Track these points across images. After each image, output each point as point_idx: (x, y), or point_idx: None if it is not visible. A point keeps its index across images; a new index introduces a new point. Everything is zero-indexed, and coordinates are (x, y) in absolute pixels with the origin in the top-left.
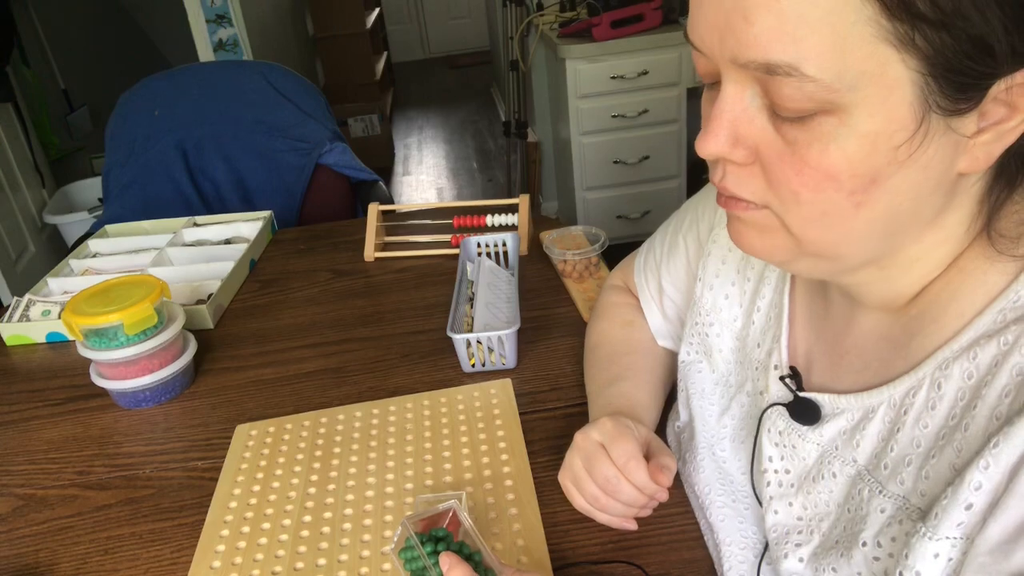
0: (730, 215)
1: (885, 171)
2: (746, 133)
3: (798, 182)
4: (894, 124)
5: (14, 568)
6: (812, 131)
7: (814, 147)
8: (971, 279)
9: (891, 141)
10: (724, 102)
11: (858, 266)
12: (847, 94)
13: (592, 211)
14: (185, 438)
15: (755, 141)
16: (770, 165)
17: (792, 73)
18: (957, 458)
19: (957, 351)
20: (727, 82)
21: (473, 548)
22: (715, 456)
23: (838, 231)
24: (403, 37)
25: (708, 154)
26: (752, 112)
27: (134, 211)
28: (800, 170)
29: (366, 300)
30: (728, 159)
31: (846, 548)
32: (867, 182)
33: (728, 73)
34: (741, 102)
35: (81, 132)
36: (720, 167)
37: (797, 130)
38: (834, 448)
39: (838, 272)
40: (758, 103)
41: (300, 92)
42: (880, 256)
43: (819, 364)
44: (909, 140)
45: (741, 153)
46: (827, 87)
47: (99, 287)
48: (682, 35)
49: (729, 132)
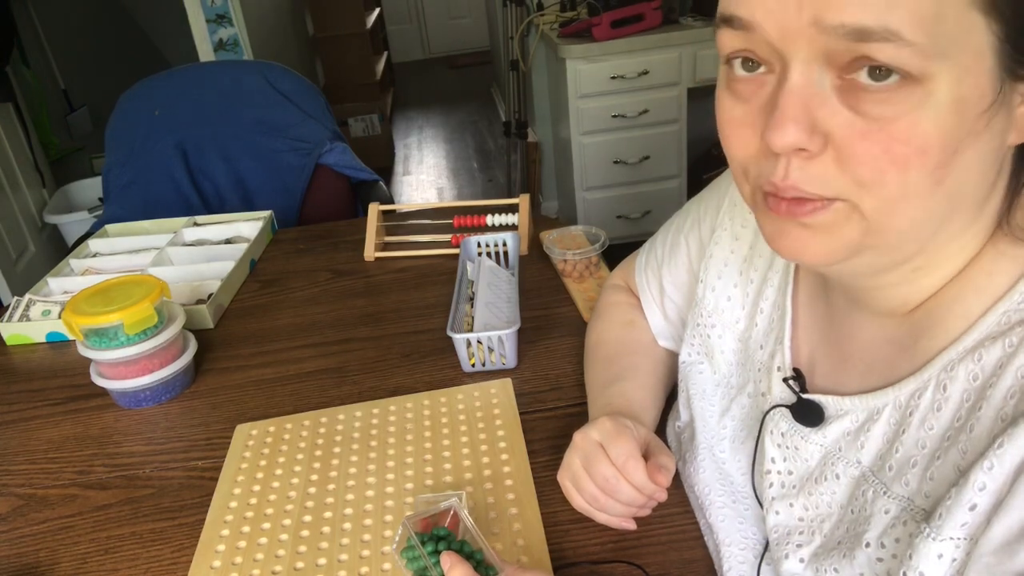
0: (788, 224)
1: (966, 141)
2: (820, 117)
3: (887, 160)
4: (979, 91)
5: (14, 568)
6: (899, 104)
7: (903, 121)
8: (975, 280)
9: (976, 108)
10: (794, 83)
11: (906, 259)
12: (937, 61)
13: (592, 211)
14: (185, 438)
15: (828, 125)
16: (849, 147)
17: (889, 38)
18: (962, 459)
19: (962, 353)
20: (796, 61)
21: (474, 547)
22: (715, 457)
23: (916, 212)
24: (403, 37)
25: (784, 145)
26: (824, 93)
27: (134, 211)
28: (888, 147)
29: (366, 300)
30: (804, 149)
31: (848, 549)
32: (951, 154)
33: (799, 50)
34: (811, 83)
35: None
36: (781, 164)
37: (882, 105)
38: (838, 449)
39: (884, 267)
40: (828, 83)
41: (300, 92)
42: (927, 249)
43: (822, 366)
44: (989, 107)
45: (818, 141)
46: (922, 52)
47: (99, 287)
48: (682, 35)
49: (804, 117)
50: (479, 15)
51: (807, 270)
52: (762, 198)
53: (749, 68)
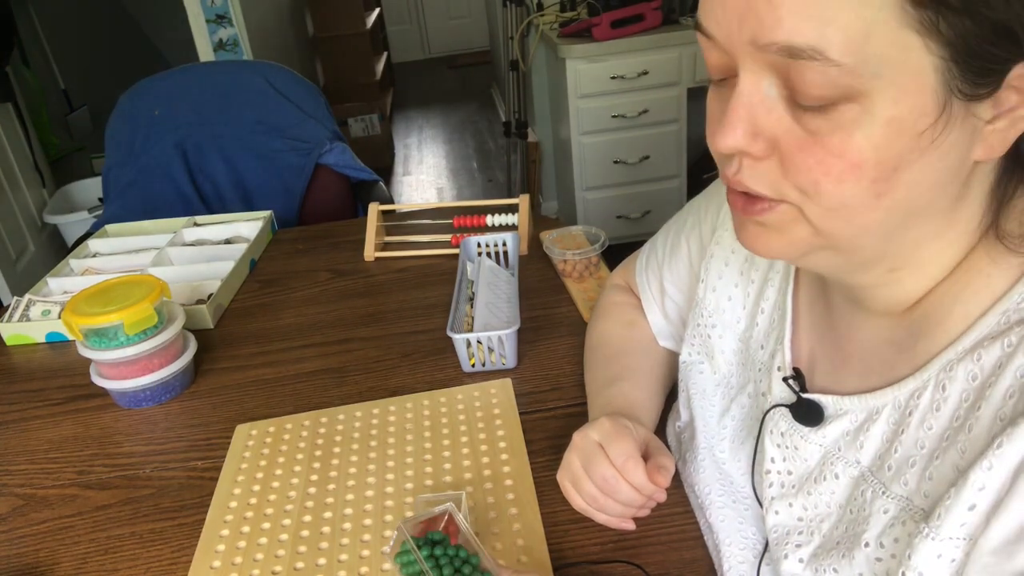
0: (744, 220)
1: (907, 158)
2: (764, 124)
3: (820, 172)
4: (917, 110)
5: (14, 568)
6: (834, 119)
7: (836, 135)
8: (975, 281)
9: (915, 127)
10: (741, 93)
11: (873, 260)
12: (870, 80)
13: (592, 211)
14: (185, 438)
15: (773, 132)
16: (790, 156)
17: (816, 57)
18: (961, 459)
19: (961, 353)
20: (744, 71)
21: (471, 551)
22: (715, 457)
23: (858, 223)
24: (403, 37)
25: (726, 147)
26: (770, 102)
27: (134, 211)
28: (822, 159)
29: (366, 300)
30: (746, 152)
31: (847, 549)
32: (890, 170)
33: (745, 61)
34: (758, 92)
35: (81, 132)
36: (735, 161)
37: (819, 119)
38: (837, 449)
39: (852, 267)
40: (775, 93)
41: (300, 92)
42: (894, 253)
43: (822, 366)
44: (932, 126)
45: (760, 146)
46: (851, 72)
47: (99, 287)
48: (682, 35)
49: (747, 124)
50: (479, 15)
51: (807, 271)
52: (728, 191)
53: (719, 79)
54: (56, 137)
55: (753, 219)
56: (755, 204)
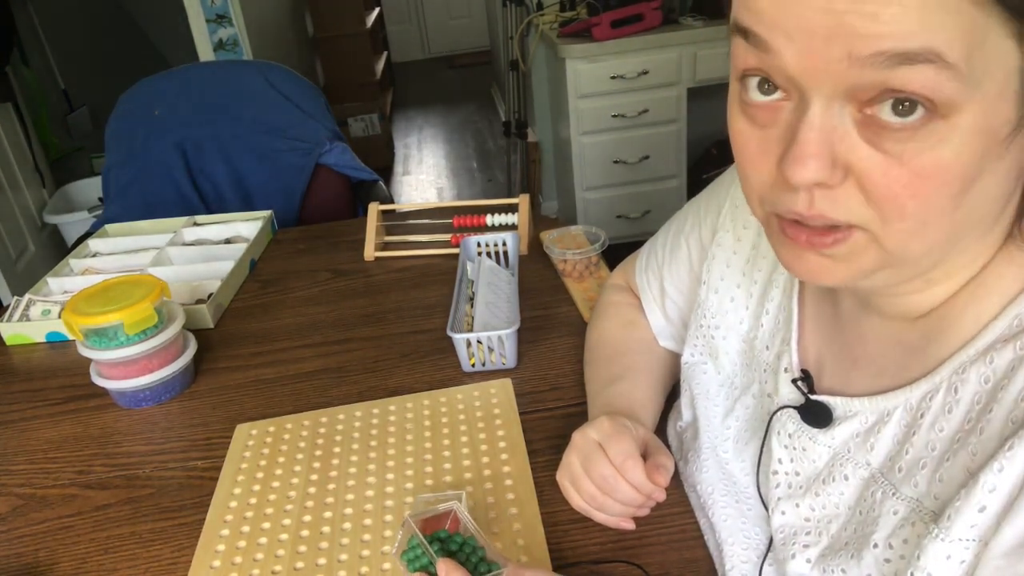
0: (802, 252)
1: (987, 168)
2: (840, 151)
3: (907, 195)
4: (1002, 117)
5: (14, 568)
6: (922, 141)
7: (925, 156)
8: (988, 283)
9: (999, 135)
10: (814, 117)
11: (922, 273)
12: (971, 89)
13: (592, 211)
14: (185, 438)
15: (848, 159)
16: (871, 181)
17: (931, 59)
18: (972, 461)
19: (974, 355)
20: (817, 95)
21: (476, 544)
22: (718, 457)
23: (932, 238)
24: (403, 37)
25: (804, 181)
26: (844, 127)
27: (134, 211)
28: (908, 183)
29: (366, 300)
30: (824, 183)
31: (856, 550)
32: (971, 182)
33: (822, 84)
34: (831, 117)
35: (81, 132)
36: (806, 194)
37: (903, 143)
38: (846, 451)
39: (899, 280)
40: (848, 118)
41: (300, 92)
42: (941, 263)
43: (830, 367)
44: (1010, 133)
45: (839, 174)
46: (961, 78)
47: (99, 287)
48: (682, 35)
49: (825, 153)
50: (479, 15)
51: None
52: (777, 223)
53: (766, 91)
54: (56, 137)
55: (818, 252)
56: (825, 236)
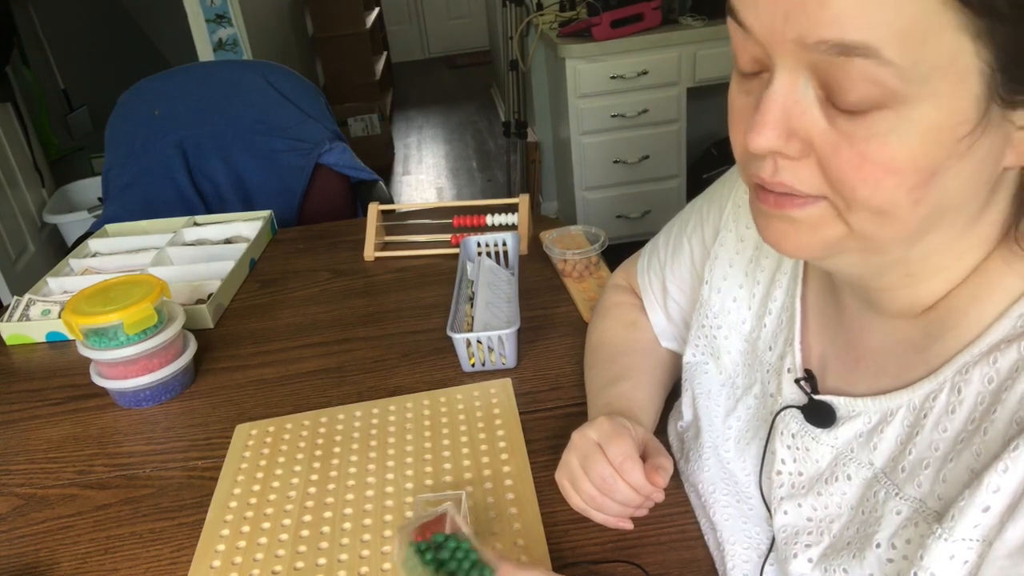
0: (774, 215)
1: (944, 164)
2: (799, 125)
3: (857, 177)
4: (958, 116)
5: (14, 568)
6: (869, 126)
7: (872, 141)
8: (990, 283)
9: (955, 133)
10: (776, 91)
11: (894, 264)
12: (916, 85)
13: (592, 211)
14: (185, 438)
15: (808, 133)
16: (827, 158)
17: (869, 55)
18: (975, 462)
19: (977, 356)
20: (780, 69)
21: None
22: (720, 457)
23: (896, 227)
24: (403, 37)
25: (759, 148)
26: (805, 103)
27: (134, 211)
28: (858, 164)
29: (366, 300)
30: (781, 153)
31: (858, 549)
32: (928, 176)
33: (784, 59)
34: (794, 92)
35: (81, 132)
36: (771, 162)
37: (853, 124)
38: (849, 451)
39: (872, 269)
40: (811, 94)
41: (300, 92)
42: (914, 258)
43: (833, 367)
44: (971, 132)
45: (796, 146)
46: (902, 74)
47: (99, 287)
48: (681, 35)
49: (782, 124)
50: (479, 15)
51: (816, 272)
52: (754, 188)
53: (748, 72)
54: (56, 137)
55: (785, 214)
56: (792, 199)
